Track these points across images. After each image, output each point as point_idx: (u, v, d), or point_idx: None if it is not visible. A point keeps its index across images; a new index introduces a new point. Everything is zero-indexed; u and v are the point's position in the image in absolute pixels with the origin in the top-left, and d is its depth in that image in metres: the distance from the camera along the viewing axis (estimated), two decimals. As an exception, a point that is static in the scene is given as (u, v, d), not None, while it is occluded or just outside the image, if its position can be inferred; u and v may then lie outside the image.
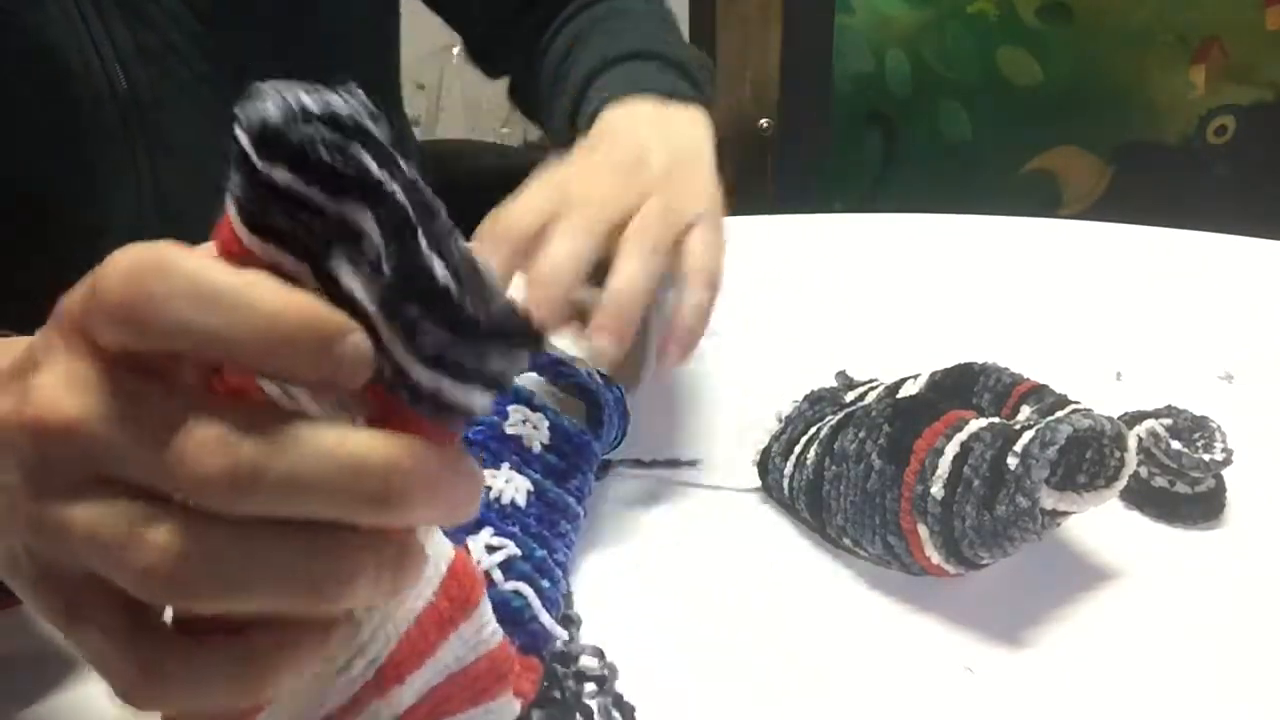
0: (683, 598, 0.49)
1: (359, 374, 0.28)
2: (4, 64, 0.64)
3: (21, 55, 0.64)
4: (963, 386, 0.53)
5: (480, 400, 0.29)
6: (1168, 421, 0.54)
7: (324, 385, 0.28)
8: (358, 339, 0.27)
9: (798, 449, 0.52)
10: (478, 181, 0.97)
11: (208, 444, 0.26)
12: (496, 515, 0.46)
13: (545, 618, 0.43)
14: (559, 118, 0.73)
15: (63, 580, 0.29)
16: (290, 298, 0.27)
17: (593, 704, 0.43)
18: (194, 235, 0.31)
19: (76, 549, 0.28)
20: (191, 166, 0.71)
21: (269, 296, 0.27)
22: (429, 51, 0.83)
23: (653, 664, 0.46)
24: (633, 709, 0.43)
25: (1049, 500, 0.45)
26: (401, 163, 0.29)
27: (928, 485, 0.47)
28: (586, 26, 0.78)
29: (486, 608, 0.36)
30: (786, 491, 0.53)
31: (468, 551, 0.42)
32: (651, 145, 0.59)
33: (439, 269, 0.27)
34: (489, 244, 0.51)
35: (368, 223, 0.28)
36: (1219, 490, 0.54)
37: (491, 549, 0.44)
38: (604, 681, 0.43)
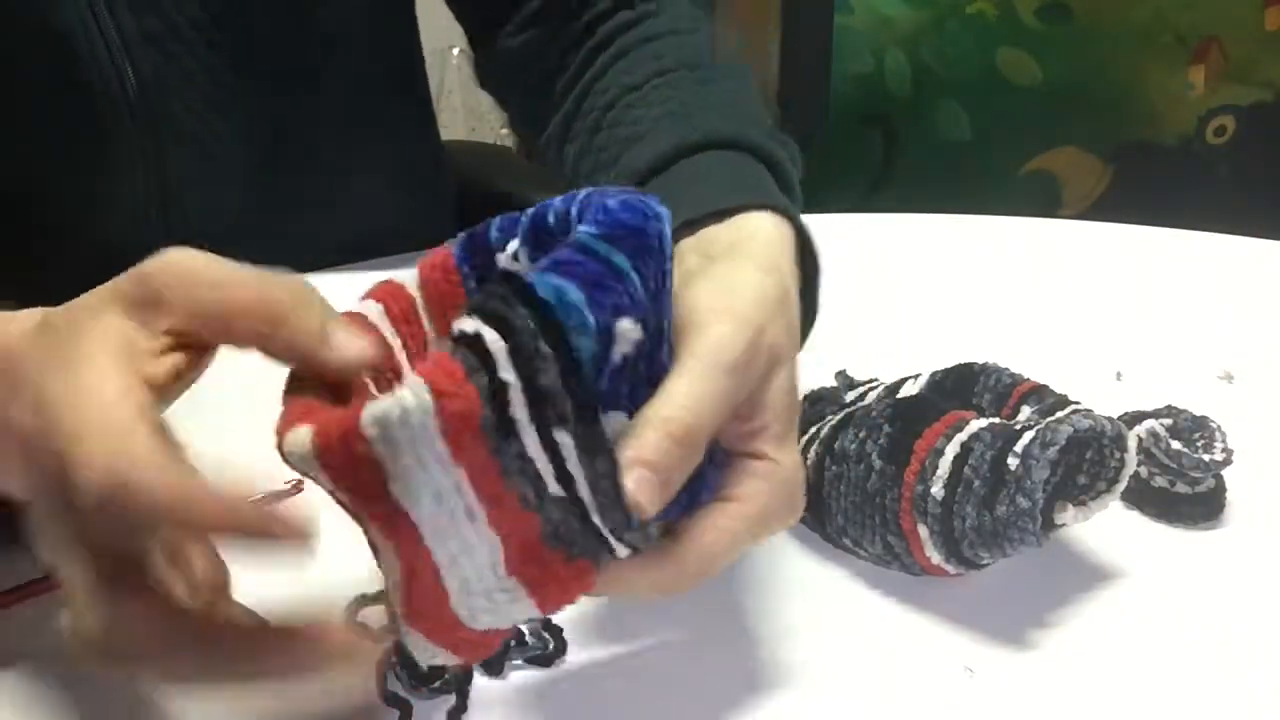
0: (681, 599, 0.49)
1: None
2: (14, 48, 0.65)
3: (31, 39, 0.65)
4: (963, 386, 0.53)
5: None
6: (1168, 421, 0.54)
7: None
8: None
9: (798, 449, 0.52)
10: (477, 184, 0.98)
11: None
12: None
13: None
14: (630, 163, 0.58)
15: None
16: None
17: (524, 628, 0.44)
18: (194, 221, 0.33)
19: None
20: (195, 154, 0.71)
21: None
22: (428, 53, 0.83)
23: (651, 664, 0.46)
24: (560, 629, 0.44)
25: (1062, 517, 0.46)
26: None
27: (928, 485, 0.47)
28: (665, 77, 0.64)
29: None
30: (787, 492, 0.53)
31: None
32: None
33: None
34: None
35: None
36: (1219, 490, 0.54)
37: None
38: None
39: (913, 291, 0.76)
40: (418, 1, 0.82)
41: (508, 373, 0.32)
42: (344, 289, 0.44)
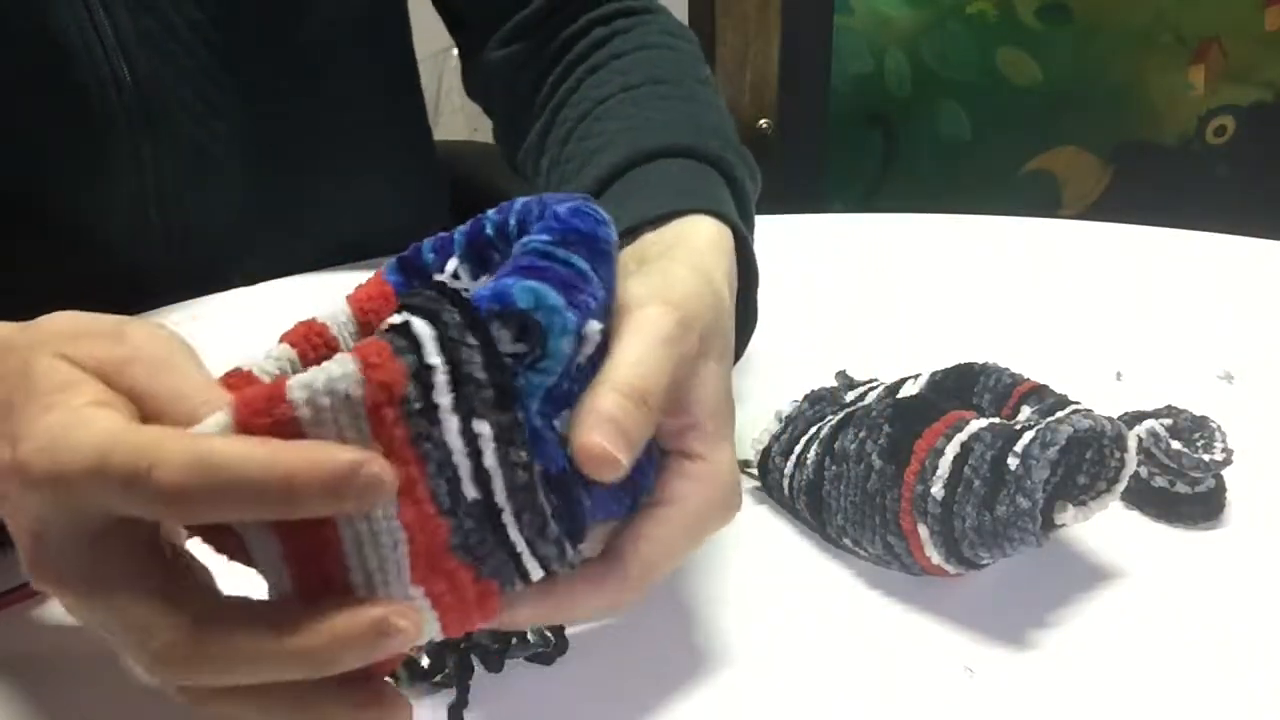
0: (681, 598, 0.49)
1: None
2: (9, 48, 0.65)
3: (26, 39, 0.65)
4: (963, 386, 0.53)
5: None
6: (1168, 421, 0.54)
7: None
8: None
9: (798, 449, 0.52)
10: (477, 183, 0.98)
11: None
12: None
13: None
14: (588, 174, 0.59)
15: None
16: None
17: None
18: (192, 221, 0.32)
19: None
20: (192, 154, 0.72)
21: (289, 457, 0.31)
22: (428, 54, 0.84)
23: (651, 662, 0.46)
24: (561, 627, 0.44)
25: (1062, 517, 0.46)
26: None
27: (928, 485, 0.47)
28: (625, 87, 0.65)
29: None
30: (786, 491, 0.53)
31: None
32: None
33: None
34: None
35: None
36: (1219, 490, 0.54)
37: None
38: None
39: (913, 291, 0.76)
40: (418, 4, 0.83)
41: (434, 357, 0.33)
42: (342, 289, 0.44)
